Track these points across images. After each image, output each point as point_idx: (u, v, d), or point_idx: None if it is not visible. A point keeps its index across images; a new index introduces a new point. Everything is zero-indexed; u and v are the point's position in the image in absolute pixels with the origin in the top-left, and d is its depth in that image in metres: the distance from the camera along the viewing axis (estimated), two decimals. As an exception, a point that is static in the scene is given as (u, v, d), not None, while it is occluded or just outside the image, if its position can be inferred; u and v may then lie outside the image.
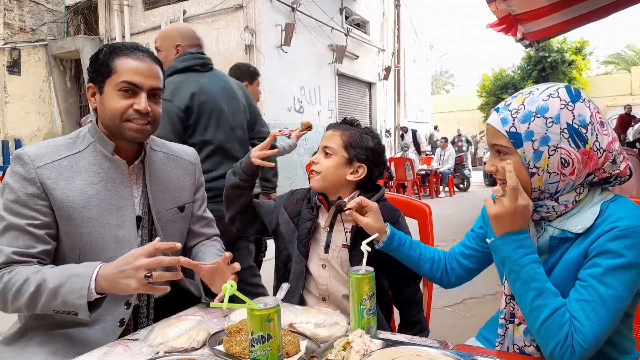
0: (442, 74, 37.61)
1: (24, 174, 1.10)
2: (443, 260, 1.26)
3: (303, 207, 1.39)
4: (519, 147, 0.92)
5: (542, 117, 0.90)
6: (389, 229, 1.22)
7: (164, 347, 0.95)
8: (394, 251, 1.23)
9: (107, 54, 1.16)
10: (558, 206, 0.94)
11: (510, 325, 1.00)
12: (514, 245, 0.92)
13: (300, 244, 1.36)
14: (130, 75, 1.14)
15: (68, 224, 1.13)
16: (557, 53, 16.18)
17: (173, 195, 1.32)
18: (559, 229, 0.95)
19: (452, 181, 10.16)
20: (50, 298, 1.02)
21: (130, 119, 1.16)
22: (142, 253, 0.99)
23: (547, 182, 0.92)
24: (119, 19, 8.79)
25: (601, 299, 0.85)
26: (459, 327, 2.80)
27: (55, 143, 1.18)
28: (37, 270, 1.05)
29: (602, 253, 0.86)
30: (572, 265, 0.91)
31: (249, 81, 3.35)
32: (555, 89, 0.93)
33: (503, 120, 0.93)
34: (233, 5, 7.61)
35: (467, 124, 18.00)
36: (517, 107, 0.93)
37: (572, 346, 0.84)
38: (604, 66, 23.44)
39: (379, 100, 11.95)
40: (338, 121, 1.41)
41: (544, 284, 0.90)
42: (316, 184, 1.33)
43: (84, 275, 1.01)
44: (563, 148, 0.89)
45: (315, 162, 1.34)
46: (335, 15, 9.56)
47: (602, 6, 4.75)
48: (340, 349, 0.88)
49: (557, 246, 0.95)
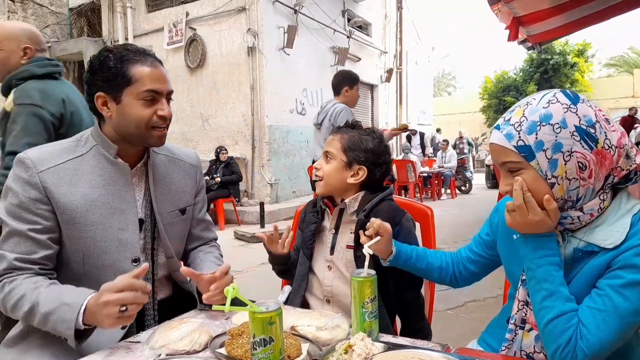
0: (444, 76, 37.59)
1: (26, 178, 1.11)
2: (451, 265, 1.26)
3: (308, 211, 1.45)
4: (531, 159, 0.88)
5: (547, 124, 0.87)
6: (395, 249, 1.19)
7: (165, 350, 0.95)
8: (401, 266, 1.22)
9: (117, 61, 1.14)
10: (583, 216, 0.90)
11: (520, 330, 0.99)
12: (534, 246, 0.91)
13: (305, 246, 1.39)
14: (152, 83, 1.16)
15: (71, 227, 1.14)
16: (560, 55, 16.16)
17: (175, 197, 1.33)
18: (584, 241, 0.91)
19: (454, 183, 10.15)
20: (41, 322, 1.03)
21: (154, 126, 1.19)
22: (111, 287, 0.96)
23: (568, 189, 0.89)
24: (122, 21, 8.82)
25: (615, 310, 0.82)
26: (460, 330, 2.80)
27: (58, 147, 1.19)
28: (35, 286, 1.06)
29: (626, 266, 0.83)
30: (592, 275, 0.89)
31: (350, 86, 3.53)
32: (553, 95, 0.90)
33: (508, 136, 0.90)
34: (235, 8, 7.63)
35: (469, 126, 17.98)
36: (518, 120, 0.90)
37: (573, 351, 0.83)
38: (606, 68, 23.41)
39: (381, 103, 11.94)
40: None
41: (557, 286, 0.88)
42: (320, 189, 1.37)
43: (74, 306, 1.00)
44: (577, 151, 0.86)
45: (317, 167, 1.37)
46: (338, 18, 9.57)
47: (605, 9, 4.74)
48: (341, 352, 0.88)
49: (580, 258, 0.92)
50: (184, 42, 8.08)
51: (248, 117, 7.68)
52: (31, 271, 1.10)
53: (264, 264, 4.60)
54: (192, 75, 8.18)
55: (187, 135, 8.37)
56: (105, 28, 9.26)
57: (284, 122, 8.06)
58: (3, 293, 1.07)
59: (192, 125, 8.32)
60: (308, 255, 1.39)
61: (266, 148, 7.71)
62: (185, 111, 8.33)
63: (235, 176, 6.96)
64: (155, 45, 8.35)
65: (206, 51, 7.96)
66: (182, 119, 8.37)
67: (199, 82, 8.13)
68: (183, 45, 8.11)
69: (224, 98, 7.92)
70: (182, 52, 8.16)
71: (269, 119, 7.69)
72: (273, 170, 7.85)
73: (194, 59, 8.07)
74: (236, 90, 7.76)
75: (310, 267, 1.39)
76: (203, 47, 7.95)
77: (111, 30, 9.15)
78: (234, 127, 7.89)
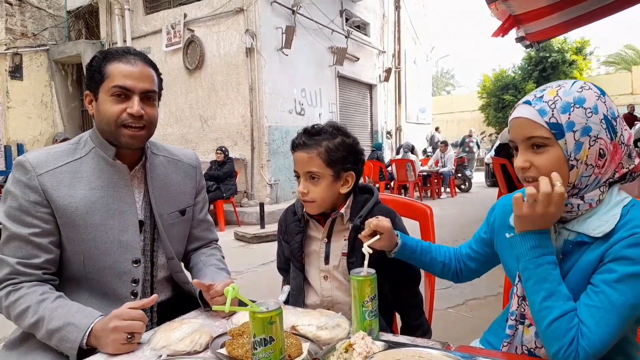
0: (443, 75, 37.61)
1: (26, 181, 1.11)
2: (453, 261, 1.26)
3: (289, 221, 1.36)
4: (560, 138, 0.88)
5: (581, 107, 0.88)
6: (400, 241, 1.19)
7: (166, 351, 0.95)
8: (406, 258, 1.22)
9: (100, 60, 1.17)
10: (583, 204, 0.90)
11: (520, 326, 0.99)
12: (531, 244, 0.90)
13: (295, 258, 1.33)
14: (121, 79, 1.14)
15: (71, 230, 1.14)
16: (558, 53, 16.16)
17: (174, 198, 1.32)
18: (574, 231, 0.92)
19: (453, 182, 10.15)
20: (45, 336, 1.05)
21: (125, 124, 1.15)
22: (122, 314, 1.00)
23: (582, 175, 0.90)
24: (120, 23, 8.81)
25: (612, 306, 0.83)
26: (461, 328, 2.80)
27: (57, 149, 1.19)
28: (41, 298, 1.06)
29: (618, 259, 0.84)
30: (587, 270, 0.89)
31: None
32: (584, 83, 0.92)
33: (541, 112, 0.89)
34: (234, 9, 7.63)
35: (468, 125, 17.96)
36: (552, 98, 0.90)
37: (576, 350, 0.83)
38: (604, 66, 23.42)
39: (380, 102, 11.94)
40: (300, 131, 1.29)
41: (557, 286, 0.88)
42: (314, 210, 1.27)
43: (80, 327, 1.01)
44: (602, 138, 0.88)
45: (304, 192, 1.24)
46: (336, 18, 9.57)
47: (602, 6, 4.75)
48: (342, 351, 0.88)
49: (572, 250, 0.93)
50: (182, 43, 8.08)
51: (247, 118, 7.68)
52: (34, 277, 1.10)
53: (264, 265, 4.60)
54: (191, 76, 8.18)
55: (186, 137, 8.37)
56: (103, 30, 9.26)
57: (283, 122, 8.06)
58: (8, 301, 1.07)
59: (192, 126, 8.33)
60: (299, 267, 1.33)
61: (265, 149, 7.71)
62: (185, 112, 8.33)
63: (216, 172, 6.72)
64: (154, 47, 8.35)
65: (204, 52, 7.96)
66: (181, 120, 8.37)
67: (198, 83, 8.13)
68: (181, 47, 8.11)
69: (222, 99, 7.93)
70: (181, 54, 8.16)
71: (268, 119, 7.69)
72: (272, 171, 7.85)
73: (192, 61, 8.07)
74: (235, 91, 7.77)
75: (304, 279, 1.35)
76: (201, 48, 7.96)
77: (109, 33, 9.14)
78: (233, 128, 7.89)
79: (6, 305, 1.08)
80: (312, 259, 1.33)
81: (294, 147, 1.27)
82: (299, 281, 1.33)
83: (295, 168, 1.28)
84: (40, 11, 9.36)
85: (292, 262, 1.35)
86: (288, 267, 1.41)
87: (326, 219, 1.30)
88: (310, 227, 1.34)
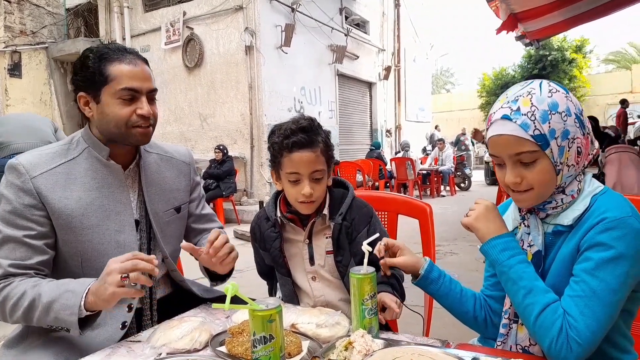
0: (443, 73, 37.59)
1: (19, 184, 1.10)
2: (484, 303, 1.13)
3: (264, 227, 1.30)
4: (546, 148, 0.89)
5: (556, 112, 0.89)
6: (427, 261, 1.10)
7: (166, 349, 0.95)
8: (433, 283, 1.09)
9: (96, 60, 1.13)
10: (566, 197, 0.93)
11: (514, 324, 1.00)
12: (499, 249, 0.94)
13: (278, 264, 1.30)
14: (129, 81, 1.13)
15: (68, 232, 1.13)
16: (558, 51, 16.16)
17: (169, 196, 1.32)
18: (552, 224, 0.96)
19: (453, 180, 10.15)
20: (43, 313, 1.02)
21: (135, 125, 1.16)
22: (117, 259, 0.99)
23: (565, 176, 0.92)
24: (119, 21, 8.80)
25: (594, 294, 0.84)
26: (460, 326, 2.79)
27: (49, 151, 1.17)
28: (35, 284, 1.05)
29: (592, 246, 0.86)
30: (566, 260, 0.91)
31: None
32: (547, 84, 0.93)
33: (524, 126, 0.88)
34: (233, 7, 7.62)
35: (468, 123, 17.93)
36: (529, 109, 0.89)
37: (567, 342, 0.84)
38: (604, 64, 23.41)
39: (379, 100, 11.94)
40: (293, 127, 1.21)
41: (533, 282, 0.90)
42: (310, 211, 1.23)
43: (77, 292, 1.00)
44: (578, 137, 0.91)
45: (309, 194, 1.17)
46: (335, 16, 9.56)
47: (602, 5, 4.74)
48: (342, 349, 0.88)
49: (552, 242, 0.96)
50: (181, 41, 8.06)
51: (246, 116, 7.67)
52: (27, 276, 1.09)
53: (264, 263, 4.59)
54: (190, 74, 8.17)
55: (185, 135, 8.36)
56: (102, 28, 9.24)
57: (282, 120, 7.97)
58: (1, 296, 1.05)
59: (191, 124, 8.32)
60: (285, 273, 1.29)
61: (265, 147, 7.71)
62: (184, 111, 8.32)
63: (216, 170, 6.75)
64: (153, 45, 8.34)
65: (204, 50, 7.95)
66: (181, 118, 8.36)
67: (197, 81, 8.12)
68: (181, 45, 8.09)
69: (222, 97, 7.92)
70: (180, 52, 8.15)
71: (267, 117, 7.69)
72: (272, 169, 7.84)
73: (191, 59, 8.06)
74: (234, 89, 7.76)
75: (293, 283, 1.31)
76: (201, 46, 7.95)
77: (108, 31, 9.12)
78: (232, 126, 7.88)
79: (0, 301, 1.05)
80: (296, 262, 1.29)
81: (290, 146, 1.16)
82: (289, 287, 1.31)
83: (296, 169, 1.17)
84: (39, 9, 9.34)
85: (277, 269, 1.31)
86: (270, 272, 1.39)
87: (301, 218, 1.26)
88: (287, 230, 1.29)
